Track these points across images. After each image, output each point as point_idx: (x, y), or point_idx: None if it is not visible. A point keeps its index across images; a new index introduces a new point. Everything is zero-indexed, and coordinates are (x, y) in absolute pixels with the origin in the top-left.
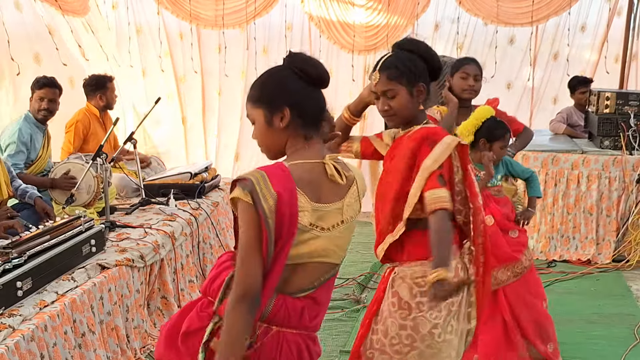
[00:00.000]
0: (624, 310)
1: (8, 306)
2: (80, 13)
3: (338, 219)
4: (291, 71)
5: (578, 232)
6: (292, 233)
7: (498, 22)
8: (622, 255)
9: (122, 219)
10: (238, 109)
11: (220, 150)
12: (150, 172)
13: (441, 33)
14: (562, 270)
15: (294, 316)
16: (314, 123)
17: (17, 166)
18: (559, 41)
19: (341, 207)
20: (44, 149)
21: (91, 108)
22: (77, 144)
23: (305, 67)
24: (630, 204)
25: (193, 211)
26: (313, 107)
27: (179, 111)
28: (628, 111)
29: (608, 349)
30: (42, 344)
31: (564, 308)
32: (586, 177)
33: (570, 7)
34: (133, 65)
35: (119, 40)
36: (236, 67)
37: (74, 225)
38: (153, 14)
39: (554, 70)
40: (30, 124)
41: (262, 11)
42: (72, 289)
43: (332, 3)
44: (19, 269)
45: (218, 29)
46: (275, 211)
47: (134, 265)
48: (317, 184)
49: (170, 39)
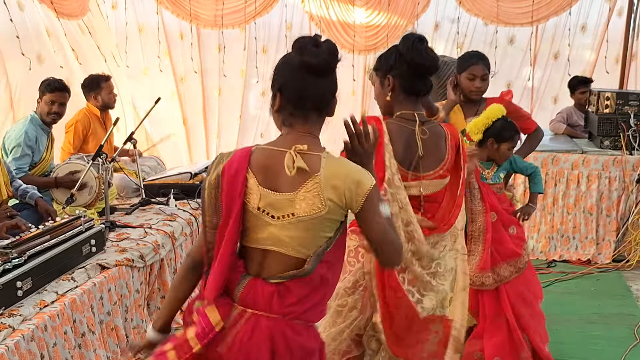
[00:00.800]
0: (623, 310)
1: (8, 306)
2: (77, 15)
3: (289, 211)
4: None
5: (578, 232)
6: (236, 211)
7: (498, 22)
8: (622, 255)
9: (122, 219)
10: (238, 109)
11: (221, 150)
12: (150, 172)
13: (441, 33)
14: (562, 270)
15: (262, 299)
16: (300, 110)
17: (21, 169)
18: (558, 41)
19: (293, 198)
20: (48, 151)
21: (91, 108)
22: (77, 144)
23: (301, 56)
24: (630, 204)
25: (193, 211)
26: (300, 95)
27: (180, 111)
28: (628, 111)
29: (608, 349)
30: (42, 344)
31: (564, 308)
32: (586, 177)
33: (571, 7)
34: (133, 65)
35: (118, 40)
36: (236, 67)
37: (74, 225)
38: (153, 13)
39: (554, 70)
40: (35, 126)
41: (262, 11)
42: (72, 289)
43: (333, 3)
44: (19, 269)
45: (218, 29)
46: (216, 186)
47: (134, 265)
48: (274, 171)
49: (170, 39)
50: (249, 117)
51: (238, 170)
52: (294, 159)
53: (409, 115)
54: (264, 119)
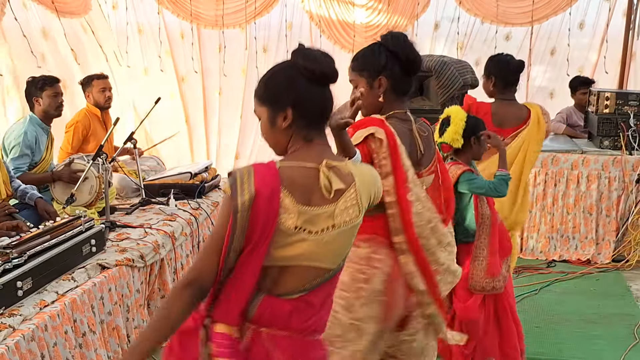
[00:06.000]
0: (623, 310)
1: (8, 306)
2: (79, 13)
3: (329, 223)
4: (296, 69)
5: (578, 232)
6: (268, 234)
7: (498, 22)
8: (622, 255)
9: (122, 219)
10: (238, 109)
11: (221, 149)
12: (150, 172)
13: (441, 33)
14: (561, 270)
15: (280, 317)
16: (317, 123)
17: (19, 169)
18: (554, 39)
19: (332, 210)
20: (48, 150)
21: (91, 108)
22: (76, 144)
23: (308, 65)
24: (630, 204)
25: (193, 211)
26: (316, 107)
27: (182, 111)
28: (628, 111)
29: (607, 349)
30: (42, 344)
31: (564, 308)
32: (586, 177)
33: (570, 6)
34: (134, 65)
35: (119, 40)
36: (236, 67)
37: (74, 225)
38: (154, 13)
39: (552, 68)
40: (35, 126)
41: (263, 11)
42: (72, 288)
43: (333, 3)
44: (19, 269)
45: (218, 29)
46: (249, 208)
47: (134, 265)
48: (309, 188)
49: (170, 39)
50: (249, 117)
51: (274, 189)
52: (330, 180)
53: (401, 114)
54: None
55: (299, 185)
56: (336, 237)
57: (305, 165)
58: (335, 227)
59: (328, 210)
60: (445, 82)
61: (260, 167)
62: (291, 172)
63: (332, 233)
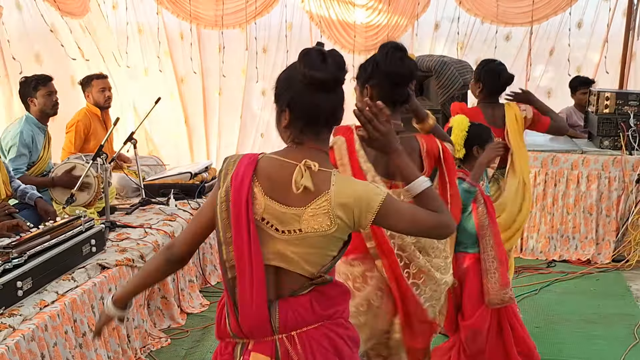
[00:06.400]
0: (623, 310)
1: (8, 306)
2: (78, 15)
3: (296, 227)
4: (296, 71)
5: (578, 232)
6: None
7: (498, 22)
8: (622, 255)
9: (122, 219)
10: (238, 109)
11: (221, 150)
12: (150, 172)
13: (441, 33)
14: (561, 270)
15: (304, 311)
16: (312, 126)
17: (19, 170)
18: (554, 39)
19: (300, 214)
20: (45, 150)
21: (91, 108)
22: (79, 143)
23: (306, 70)
24: (630, 204)
25: (193, 211)
26: (311, 111)
27: (181, 111)
28: (628, 111)
29: (607, 349)
30: (42, 344)
31: (564, 308)
32: (586, 177)
33: (570, 6)
34: (133, 65)
35: (119, 40)
36: (236, 67)
37: (74, 225)
38: (153, 13)
39: (552, 68)
40: (31, 125)
41: (263, 11)
42: (72, 288)
43: (333, 3)
44: (19, 269)
45: (218, 29)
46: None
47: (134, 265)
48: (282, 183)
49: (170, 39)
50: (249, 117)
51: (244, 177)
52: (302, 175)
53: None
54: (264, 119)
55: (272, 177)
56: (304, 242)
57: (286, 160)
58: (303, 232)
59: (296, 212)
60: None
61: (245, 157)
62: (269, 163)
63: (299, 237)
